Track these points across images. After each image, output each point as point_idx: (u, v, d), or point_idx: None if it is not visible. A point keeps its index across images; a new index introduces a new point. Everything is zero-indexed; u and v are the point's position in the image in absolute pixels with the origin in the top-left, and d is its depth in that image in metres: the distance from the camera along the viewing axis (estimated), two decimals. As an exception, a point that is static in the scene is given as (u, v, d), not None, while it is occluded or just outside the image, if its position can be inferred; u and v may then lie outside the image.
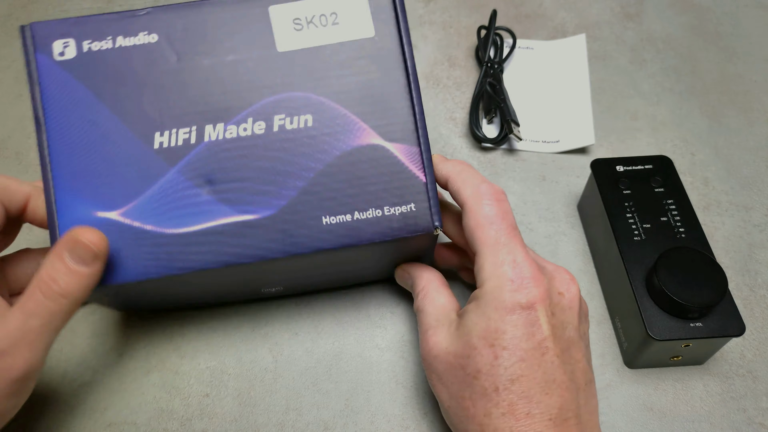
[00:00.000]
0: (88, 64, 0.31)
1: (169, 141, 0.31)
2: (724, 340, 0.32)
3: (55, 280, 0.28)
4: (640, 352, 0.34)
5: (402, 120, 0.31)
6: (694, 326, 0.32)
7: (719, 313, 0.32)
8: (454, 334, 0.29)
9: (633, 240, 0.35)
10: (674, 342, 0.32)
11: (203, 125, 0.31)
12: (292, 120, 0.31)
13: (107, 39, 0.31)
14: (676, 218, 0.36)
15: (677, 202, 0.36)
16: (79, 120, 0.31)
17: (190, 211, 0.31)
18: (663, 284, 0.32)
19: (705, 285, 0.32)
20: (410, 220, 0.31)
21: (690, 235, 0.35)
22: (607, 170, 0.38)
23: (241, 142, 0.31)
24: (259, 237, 0.31)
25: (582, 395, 0.27)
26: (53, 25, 0.31)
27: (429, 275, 0.33)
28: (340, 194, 0.31)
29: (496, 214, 0.29)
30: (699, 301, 0.31)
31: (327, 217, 0.31)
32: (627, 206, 0.36)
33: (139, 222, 0.30)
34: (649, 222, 0.36)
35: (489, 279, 0.28)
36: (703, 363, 0.35)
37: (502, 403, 0.26)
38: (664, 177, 0.38)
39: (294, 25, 0.31)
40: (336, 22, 0.31)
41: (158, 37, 0.31)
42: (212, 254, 0.31)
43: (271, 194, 0.31)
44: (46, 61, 0.31)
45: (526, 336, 0.27)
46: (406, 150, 0.31)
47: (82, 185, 0.31)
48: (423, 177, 0.31)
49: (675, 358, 0.34)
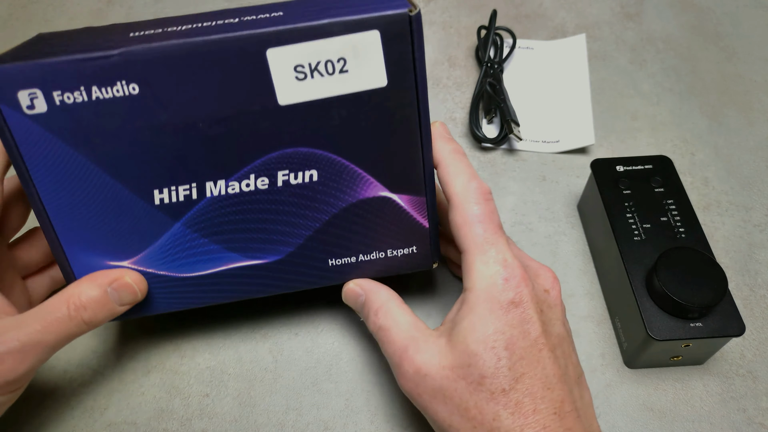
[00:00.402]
0: (65, 119, 0.27)
1: (169, 197, 0.30)
2: (724, 340, 0.32)
3: (85, 308, 0.29)
4: (640, 352, 0.34)
5: (411, 172, 0.30)
6: (694, 326, 0.32)
7: (719, 313, 0.32)
8: (444, 347, 0.28)
9: (633, 240, 0.35)
10: (674, 342, 0.32)
11: (203, 181, 0.29)
12: (296, 175, 0.30)
13: (80, 90, 0.27)
14: (676, 218, 0.36)
15: (677, 202, 0.36)
16: (68, 177, 0.29)
17: (200, 258, 0.31)
18: (663, 284, 0.32)
19: (705, 285, 0.32)
20: (411, 259, 0.33)
21: (690, 235, 0.35)
22: (607, 170, 0.38)
23: (245, 197, 0.30)
24: (267, 277, 0.32)
25: (576, 389, 0.28)
26: (12, 72, 0.26)
27: (387, 293, 0.32)
28: (345, 240, 0.32)
29: (483, 213, 0.29)
30: (699, 301, 0.31)
31: (333, 260, 0.32)
32: (627, 206, 0.36)
33: (152, 269, 0.31)
34: (649, 222, 0.36)
35: (480, 280, 0.28)
36: (703, 363, 0.35)
37: (510, 403, 0.26)
38: (664, 177, 0.38)
39: (296, 73, 0.27)
40: (344, 70, 0.27)
41: (139, 88, 0.27)
42: (225, 292, 0.32)
43: (279, 242, 0.31)
44: (14, 114, 0.27)
45: (522, 334, 0.27)
46: (413, 200, 0.31)
47: (88, 238, 0.30)
48: (426, 224, 0.32)
49: (675, 358, 0.34)
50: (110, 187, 0.29)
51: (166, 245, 0.31)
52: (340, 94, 0.28)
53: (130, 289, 0.31)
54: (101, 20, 0.57)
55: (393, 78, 0.28)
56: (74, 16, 0.58)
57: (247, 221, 0.31)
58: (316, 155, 0.29)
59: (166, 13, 0.58)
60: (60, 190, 0.29)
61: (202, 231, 0.31)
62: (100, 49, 0.26)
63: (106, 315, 0.30)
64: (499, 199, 0.43)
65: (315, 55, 0.27)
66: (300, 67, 0.27)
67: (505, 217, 0.42)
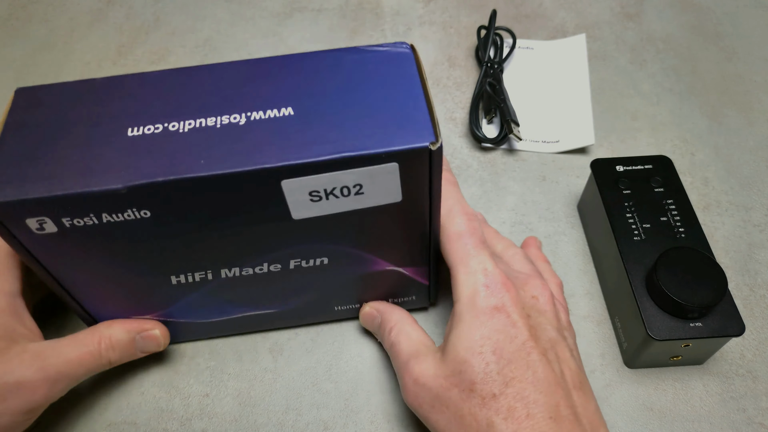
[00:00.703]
0: (76, 236, 0.26)
1: (186, 280, 0.31)
2: (723, 340, 0.32)
3: (114, 349, 0.32)
4: (640, 352, 0.34)
5: (417, 254, 0.32)
6: (694, 326, 0.32)
7: (719, 313, 0.32)
8: (440, 359, 0.29)
9: (633, 240, 0.35)
10: (674, 342, 0.32)
11: (218, 269, 0.30)
12: (308, 262, 0.31)
13: (90, 216, 0.26)
14: (676, 218, 0.36)
15: (677, 202, 0.36)
16: (87, 272, 0.29)
17: (216, 310, 0.34)
18: (663, 284, 0.32)
19: (705, 285, 0.32)
20: (409, 304, 0.36)
21: (690, 235, 0.35)
22: (607, 170, 0.38)
23: (258, 275, 0.31)
24: (279, 318, 0.36)
25: (576, 395, 0.27)
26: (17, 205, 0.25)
27: (400, 313, 0.34)
28: (352, 294, 0.35)
29: (465, 230, 0.30)
30: (699, 301, 0.31)
31: (338, 306, 0.36)
32: (627, 206, 0.36)
33: (174, 319, 0.34)
34: (649, 222, 0.36)
35: (464, 290, 0.29)
36: (702, 363, 0.35)
37: (501, 408, 0.26)
38: (664, 177, 0.38)
39: (311, 197, 0.26)
40: (360, 192, 0.27)
41: (151, 213, 0.26)
42: (239, 328, 0.36)
43: (290, 300, 0.34)
44: (27, 235, 0.26)
45: (508, 339, 0.27)
46: (415, 270, 0.33)
47: (109, 304, 0.32)
48: (427, 282, 0.35)
49: (675, 358, 0.34)
50: (128, 277, 0.30)
51: (186, 306, 0.33)
52: (354, 209, 0.28)
53: (157, 341, 0.34)
54: (101, 19, 0.57)
55: (408, 194, 0.27)
56: (74, 16, 0.58)
57: (259, 290, 0.32)
58: (328, 247, 0.30)
59: (166, 13, 0.58)
60: (78, 279, 0.29)
61: (218, 295, 0.32)
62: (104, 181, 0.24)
63: (127, 359, 0.33)
64: (499, 199, 0.43)
65: (331, 183, 0.26)
66: (315, 192, 0.26)
67: (505, 216, 0.42)
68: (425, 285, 0.35)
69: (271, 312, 0.35)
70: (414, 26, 0.54)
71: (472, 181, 0.44)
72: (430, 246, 0.31)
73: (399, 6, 0.55)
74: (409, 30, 0.53)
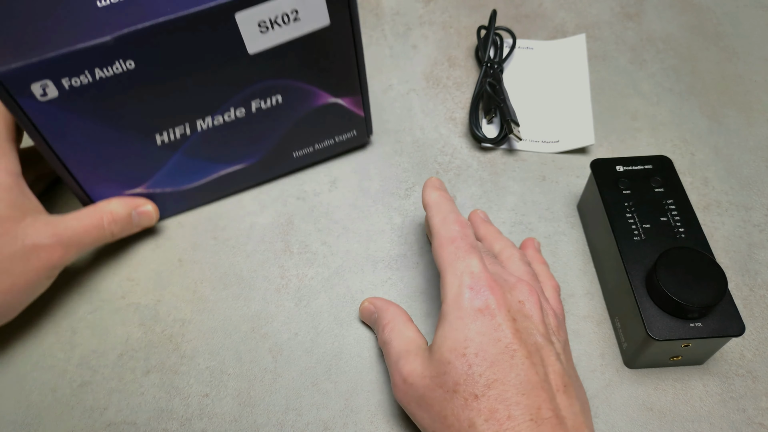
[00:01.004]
0: (74, 98, 0.32)
1: (168, 137, 0.37)
2: (724, 340, 0.32)
3: (116, 222, 0.37)
4: (640, 352, 0.34)
5: (350, 82, 0.40)
6: (694, 326, 0.32)
7: (719, 313, 0.32)
8: (427, 359, 0.29)
9: (633, 240, 0.35)
10: (674, 342, 0.32)
11: (194, 120, 0.37)
12: (265, 101, 0.38)
13: (85, 74, 0.31)
14: (675, 218, 0.36)
15: (677, 202, 0.36)
16: (82, 138, 0.34)
17: (196, 172, 0.40)
18: (663, 284, 0.32)
19: (705, 285, 0.32)
20: (353, 140, 0.44)
21: (690, 235, 0.35)
22: (607, 170, 0.38)
23: (227, 124, 0.38)
24: (249, 175, 0.42)
25: (561, 398, 0.27)
26: (24, 70, 0.30)
27: (395, 310, 0.34)
28: (305, 137, 0.42)
29: (456, 235, 0.31)
30: (699, 301, 0.31)
31: (296, 152, 0.43)
32: (627, 206, 0.36)
33: (160, 189, 0.40)
34: (649, 222, 0.36)
35: (449, 291, 0.29)
36: (702, 363, 0.35)
37: (483, 409, 0.26)
38: (663, 177, 0.38)
39: (260, 28, 0.34)
40: (297, 18, 0.35)
41: (135, 64, 0.32)
42: (217, 191, 0.42)
43: (256, 150, 0.41)
44: (31, 103, 0.31)
45: (492, 341, 0.28)
46: (352, 100, 0.41)
47: (104, 179, 0.37)
48: (362, 113, 0.42)
49: (675, 358, 0.34)
50: (120, 139, 0.35)
51: (170, 170, 0.39)
52: (295, 37, 0.35)
53: (149, 216, 0.39)
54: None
55: (333, 18, 0.35)
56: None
57: (230, 141, 0.39)
58: (279, 84, 0.38)
59: None
60: (76, 149, 0.35)
61: (196, 155, 0.39)
62: (93, 37, 0.30)
63: (126, 232, 0.39)
64: (499, 199, 0.43)
65: (273, 12, 0.34)
66: (263, 22, 0.34)
67: (505, 216, 0.42)
68: (362, 117, 0.42)
69: (242, 168, 0.41)
70: (414, 26, 0.54)
71: (472, 181, 0.44)
72: (359, 74, 0.40)
73: (399, 6, 0.55)
74: (409, 30, 0.53)
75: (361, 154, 0.45)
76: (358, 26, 0.37)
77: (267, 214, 0.42)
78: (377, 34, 0.53)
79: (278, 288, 0.39)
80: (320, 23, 0.35)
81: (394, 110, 0.48)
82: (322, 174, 0.44)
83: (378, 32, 0.53)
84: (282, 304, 0.38)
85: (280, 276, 0.40)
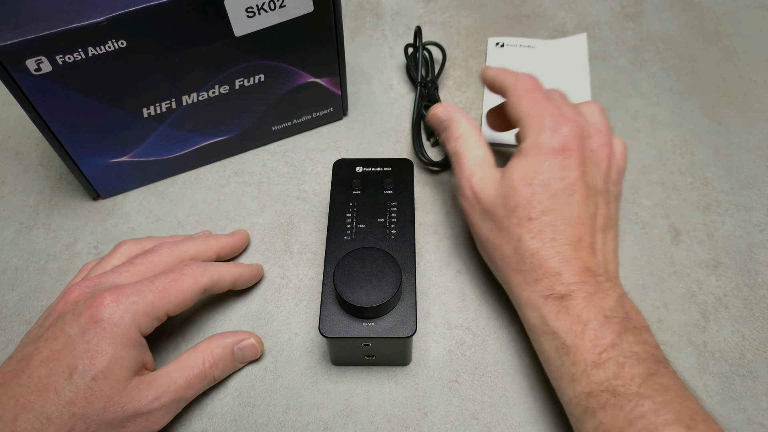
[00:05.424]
0: (66, 73, 0.33)
1: (155, 110, 0.39)
2: (401, 341, 0.33)
3: (217, 365, 0.33)
4: (330, 349, 0.34)
5: (330, 64, 0.42)
6: (366, 326, 0.32)
7: (396, 315, 0.32)
8: (498, 180, 0.34)
9: (342, 239, 0.35)
10: (350, 340, 0.32)
11: (180, 96, 0.39)
12: (249, 80, 0.40)
13: (78, 51, 0.33)
14: (393, 220, 0.36)
15: (400, 205, 0.37)
16: (73, 110, 0.36)
17: (179, 143, 0.42)
18: (336, 283, 0.32)
19: (379, 286, 0.32)
20: (329, 116, 0.46)
21: (399, 238, 0.35)
22: (347, 170, 0.38)
23: (211, 100, 0.40)
24: (230, 146, 0.44)
25: (599, 235, 0.33)
26: (20, 46, 0.31)
27: (468, 123, 0.37)
28: (284, 112, 0.44)
29: (534, 87, 0.35)
30: (366, 302, 0.32)
31: (275, 126, 0.44)
32: (351, 206, 0.37)
33: (144, 158, 0.41)
34: (366, 223, 0.36)
35: (530, 133, 0.33)
36: (406, 365, 0.36)
37: (533, 229, 0.32)
38: (398, 180, 0.38)
39: (247, 13, 0.36)
40: (283, 5, 0.36)
41: (127, 42, 0.34)
42: (198, 161, 0.44)
43: (237, 123, 0.43)
44: (25, 77, 0.33)
45: (559, 178, 0.32)
46: (330, 80, 0.43)
47: (92, 146, 0.38)
48: (339, 92, 0.45)
49: (369, 357, 0.35)
50: (108, 111, 0.37)
51: (154, 141, 0.40)
52: (280, 21, 0.37)
53: (254, 349, 0.35)
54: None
55: (317, 4, 0.37)
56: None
57: (213, 115, 0.41)
58: (263, 64, 0.39)
59: None
60: (66, 120, 0.36)
61: (180, 127, 0.40)
62: (88, 18, 0.32)
63: (229, 371, 0.35)
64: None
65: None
66: (250, 8, 0.36)
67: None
68: (339, 95, 0.45)
69: (223, 139, 0.43)
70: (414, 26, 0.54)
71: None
72: (338, 56, 0.42)
73: (399, 6, 0.55)
74: (409, 30, 0.53)
75: (360, 153, 0.45)
76: (339, 12, 0.39)
77: (267, 214, 0.42)
78: (377, 34, 0.53)
79: (278, 288, 0.39)
80: (304, 9, 0.37)
81: (394, 110, 0.48)
82: (323, 174, 0.44)
83: (378, 32, 0.53)
84: (282, 304, 0.38)
85: (280, 276, 0.40)
